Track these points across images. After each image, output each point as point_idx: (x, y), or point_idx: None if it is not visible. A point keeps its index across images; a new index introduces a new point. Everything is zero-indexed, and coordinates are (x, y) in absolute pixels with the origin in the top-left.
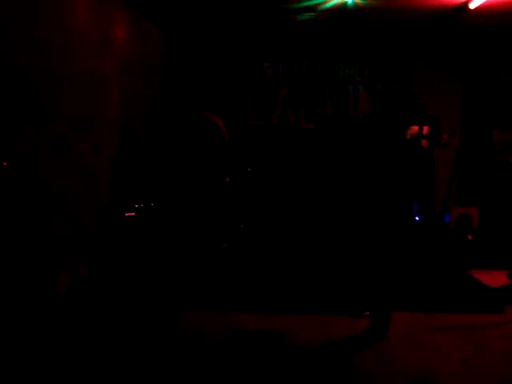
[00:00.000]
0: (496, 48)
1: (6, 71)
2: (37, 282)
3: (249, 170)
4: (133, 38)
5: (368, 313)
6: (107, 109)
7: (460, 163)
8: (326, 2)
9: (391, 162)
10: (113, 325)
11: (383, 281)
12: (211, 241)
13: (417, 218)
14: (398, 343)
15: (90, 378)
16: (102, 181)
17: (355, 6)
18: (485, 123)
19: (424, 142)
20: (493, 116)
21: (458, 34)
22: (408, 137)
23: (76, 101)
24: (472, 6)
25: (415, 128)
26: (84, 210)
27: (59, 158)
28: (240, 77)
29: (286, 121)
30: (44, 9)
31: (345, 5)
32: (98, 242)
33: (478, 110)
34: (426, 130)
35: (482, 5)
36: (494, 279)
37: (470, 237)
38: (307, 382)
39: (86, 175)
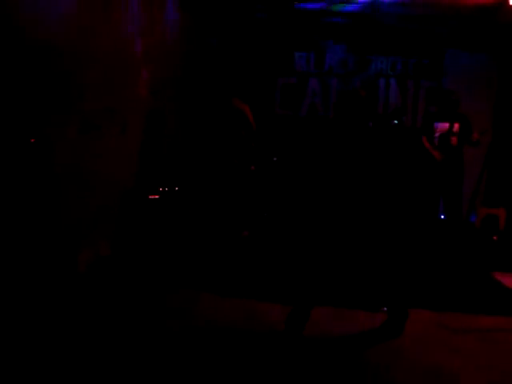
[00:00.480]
0: None
1: (35, 47)
2: (59, 258)
3: (275, 159)
4: (162, 22)
5: (386, 308)
6: (135, 91)
7: (490, 162)
8: None
9: (419, 158)
10: (128, 304)
11: (402, 277)
12: (233, 228)
13: (442, 217)
14: (415, 341)
15: (103, 353)
16: (128, 162)
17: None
18: None
19: (454, 140)
20: None
21: (495, 31)
22: (437, 134)
23: (105, 82)
24: None
25: (446, 125)
26: (108, 190)
27: (86, 139)
28: (270, 65)
29: (315, 112)
30: None
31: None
32: (121, 223)
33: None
34: (456, 127)
35: None
36: None
37: (495, 238)
38: (323, 374)
39: (111, 156)
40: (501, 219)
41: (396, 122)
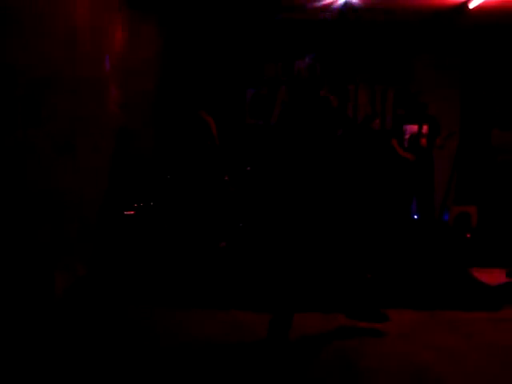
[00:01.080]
0: (495, 47)
1: (3, 70)
2: (34, 281)
3: (248, 168)
4: (131, 37)
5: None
6: (107, 108)
7: (459, 162)
8: (327, 2)
9: (389, 160)
10: (109, 324)
11: (378, 277)
12: (210, 240)
13: (415, 217)
14: (396, 340)
15: (87, 378)
16: (102, 180)
17: (356, 7)
18: (484, 122)
19: (424, 141)
20: (492, 115)
21: (457, 34)
22: (407, 136)
23: (75, 101)
24: (471, 5)
25: (415, 127)
26: (83, 209)
27: (58, 157)
28: (239, 75)
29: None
30: (44, 7)
31: (345, 5)
32: (97, 241)
33: (478, 109)
34: (425, 129)
35: (481, 4)
36: (492, 277)
37: (468, 235)
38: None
39: (85, 174)
40: (473, 217)
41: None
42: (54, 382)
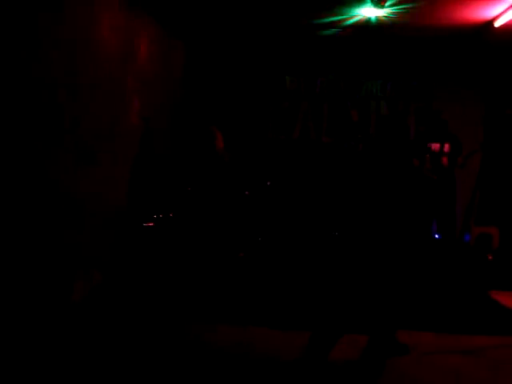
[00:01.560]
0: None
1: (29, 82)
2: (53, 287)
3: (268, 183)
4: (155, 51)
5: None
6: (128, 120)
7: (481, 182)
8: (349, 18)
9: (411, 179)
10: (122, 333)
11: (397, 300)
12: (228, 252)
13: (436, 236)
14: (417, 364)
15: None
16: (122, 190)
17: (379, 23)
18: (508, 141)
19: (445, 160)
20: None
21: (481, 52)
22: (429, 155)
23: (98, 112)
24: (497, 24)
25: (436, 145)
26: (103, 218)
27: (81, 167)
28: (262, 90)
29: (307, 135)
30: (70, 21)
31: (368, 21)
32: (116, 251)
33: (501, 128)
34: (447, 147)
35: (506, 23)
36: None
37: (490, 257)
38: None
39: (105, 185)
40: (494, 238)
41: None
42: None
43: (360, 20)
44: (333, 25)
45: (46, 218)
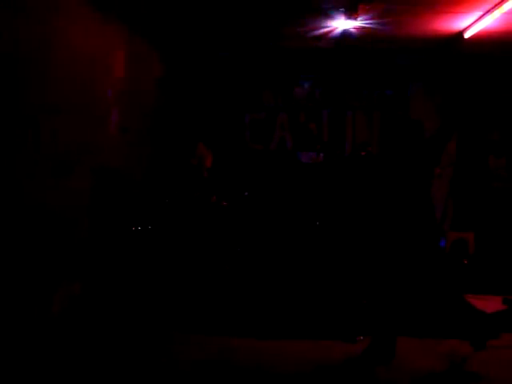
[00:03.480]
0: (490, 74)
1: (5, 96)
2: (33, 300)
3: (246, 194)
4: (132, 63)
5: (362, 337)
6: (106, 132)
7: (455, 189)
8: (323, 30)
9: (388, 188)
10: (102, 344)
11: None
12: (211, 264)
13: None
14: (385, 368)
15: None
16: (100, 203)
17: (352, 34)
18: (480, 149)
19: None
20: (488, 142)
21: (453, 62)
22: None
23: (75, 125)
24: (467, 35)
25: None
26: (81, 231)
27: (57, 181)
28: (239, 102)
29: (285, 146)
30: (47, 34)
31: (342, 33)
32: (95, 263)
33: (474, 136)
34: None
35: (476, 34)
36: (488, 304)
37: (465, 261)
38: None
39: (83, 197)
40: (470, 243)
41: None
42: None
43: (334, 32)
44: (307, 37)
45: (23, 231)
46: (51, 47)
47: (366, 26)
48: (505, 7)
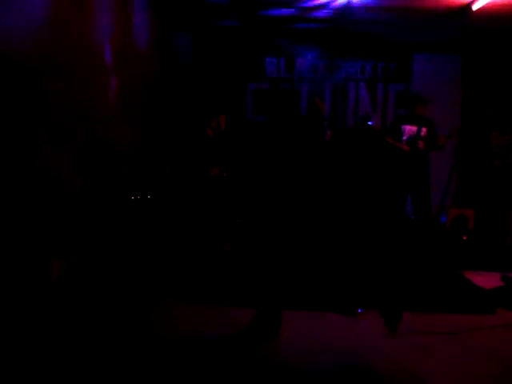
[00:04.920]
0: (498, 49)
1: (7, 59)
2: (33, 267)
3: (248, 164)
4: (133, 29)
5: (360, 310)
6: (106, 99)
7: (457, 165)
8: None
9: (385, 161)
10: (104, 311)
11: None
12: (213, 240)
13: (412, 218)
14: (389, 344)
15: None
16: (99, 171)
17: (359, 6)
18: (484, 125)
19: (421, 144)
20: (493, 118)
21: (460, 35)
22: (405, 137)
23: (78, 92)
24: (475, 7)
25: (413, 129)
26: (79, 199)
27: (57, 147)
28: (241, 71)
29: (288, 118)
30: None
31: (348, 4)
32: (92, 233)
33: (478, 111)
34: (424, 131)
35: (484, 6)
36: (487, 281)
37: (464, 237)
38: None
39: (81, 165)
40: (470, 220)
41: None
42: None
43: (338, 2)
44: (310, 6)
45: (20, 200)
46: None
47: None
48: None
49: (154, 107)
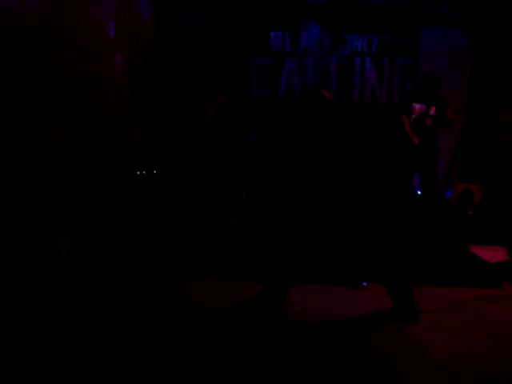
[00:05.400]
0: (507, 23)
1: (15, 33)
2: (40, 242)
3: (252, 139)
4: (136, 5)
5: (366, 283)
6: (112, 73)
7: (464, 140)
8: None
9: (396, 137)
10: (112, 288)
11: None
12: (220, 215)
13: (419, 192)
14: (387, 314)
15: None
16: (104, 146)
17: None
18: (492, 100)
19: (429, 121)
20: (501, 93)
21: (469, 8)
22: (414, 115)
23: (79, 66)
24: None
25: (423, 108)
26: (86, 175)
27: (64, 121)
28: (245, 46)
29: (292, 92)
30: None
31: None
32: (99, 208)
33: (486, 86)
34: (433, 110)
35: None
36: (493, 255)
37: (470, 212)
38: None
39: (85, 141)
40: (476, 195)
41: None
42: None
43: None
44: None
45: (27, 175)
46: None
47: None
48: None
49: (159, 83)
